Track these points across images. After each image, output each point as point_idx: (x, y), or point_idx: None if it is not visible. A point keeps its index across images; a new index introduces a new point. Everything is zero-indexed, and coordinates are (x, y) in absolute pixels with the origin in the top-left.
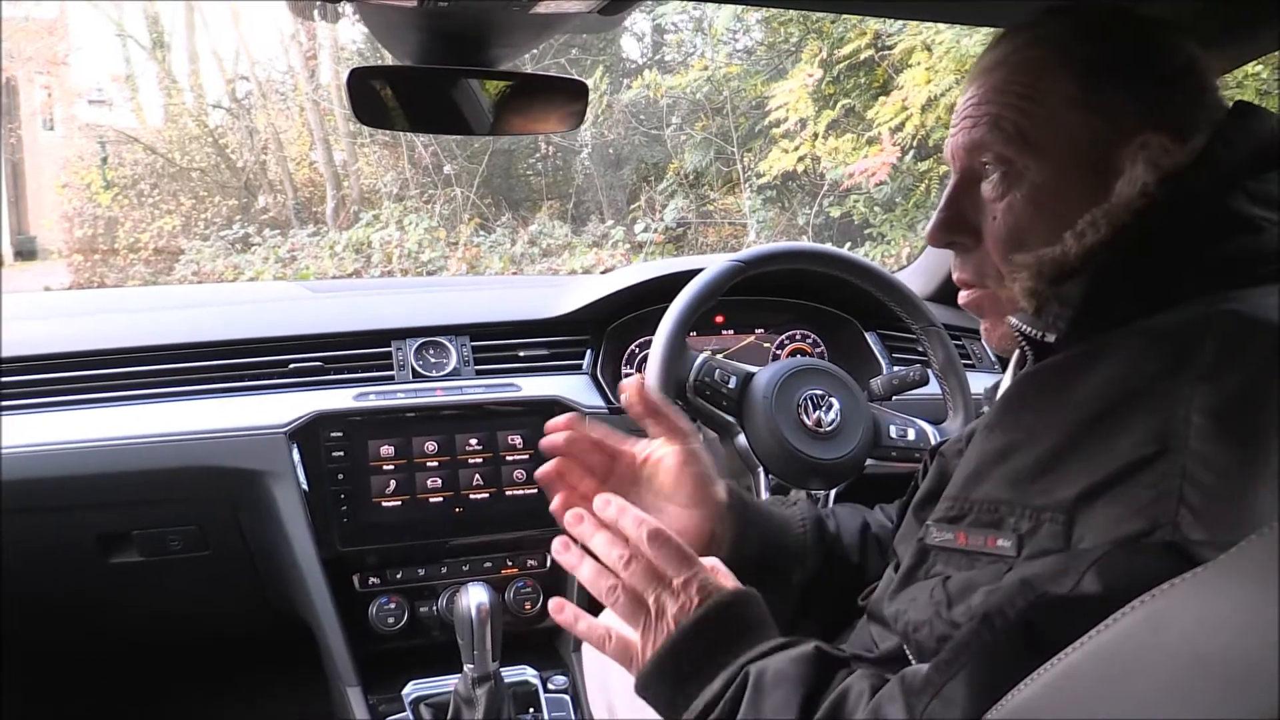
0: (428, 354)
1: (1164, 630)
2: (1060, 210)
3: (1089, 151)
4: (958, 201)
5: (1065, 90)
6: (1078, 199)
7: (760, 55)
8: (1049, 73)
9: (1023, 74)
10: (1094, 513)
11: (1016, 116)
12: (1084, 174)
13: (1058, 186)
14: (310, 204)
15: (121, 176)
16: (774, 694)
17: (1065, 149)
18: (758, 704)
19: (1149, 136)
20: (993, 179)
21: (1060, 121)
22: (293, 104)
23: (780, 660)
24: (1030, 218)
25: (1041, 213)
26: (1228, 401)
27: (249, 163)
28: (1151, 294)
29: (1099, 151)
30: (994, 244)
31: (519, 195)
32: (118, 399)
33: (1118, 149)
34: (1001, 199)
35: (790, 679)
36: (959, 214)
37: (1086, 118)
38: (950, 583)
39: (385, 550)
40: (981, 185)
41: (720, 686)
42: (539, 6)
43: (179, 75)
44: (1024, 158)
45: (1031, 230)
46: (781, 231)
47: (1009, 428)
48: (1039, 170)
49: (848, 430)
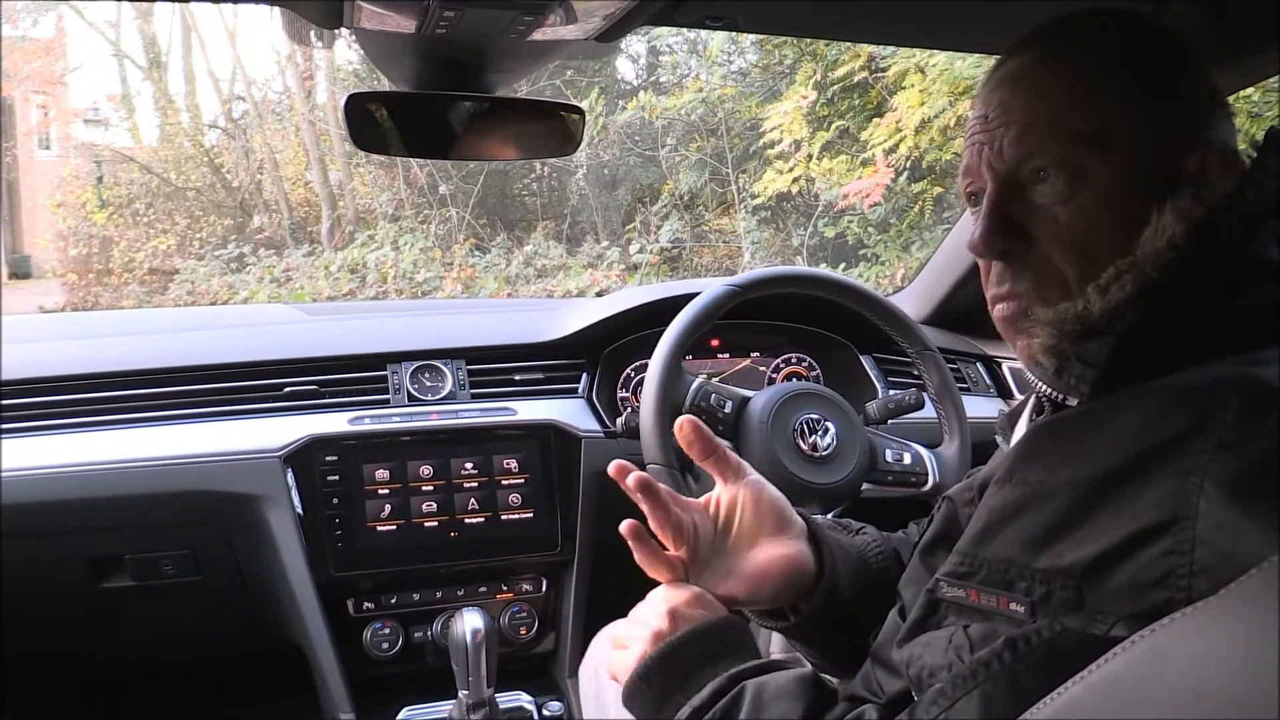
0: (423, 377)
1: (1164, 664)
2: (1133, 217)
3: (1154, 159)
4: (1004, 209)
5: (1118, 96)
6: (1145, 207)
7: (755, 77)
8: (1100, 78)
9: (1072, 78)
10: (1105, 582)
11: (1075, 119)
12: (1147, 179)
13: (1129, 192)
14: (305, 224)
15: (117, 196)
16: (773, 708)
17: (1131, 154)
18: (757, 716)
19: (1204, 151)
20: (1052, 182)
21: (1122, 126)
22: (289, 124)
23: (782, 677)
24: (1104, 218)
25: (1116, 219)
26: (1246, 469)
27: (244, 183)
28: (1177, 352)
29: (1162, 160)
30: (1059, 249)
31: (514, 216)
32: (111, 423)
33: (1178, 162)
34: (1068, 202)
35: (791, 695)
36: (1009, 220)
37: (1144, 124)
38: (972, 629)
39: (380, 575)
40: (1034, 190)
41: (708, 695)
42: (536, 34)
43: (175, 95)
44: (1091, 161)
45: (1104, 231)
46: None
47: (1020, 483)
48: (1109, 174)
49: (844, 454)
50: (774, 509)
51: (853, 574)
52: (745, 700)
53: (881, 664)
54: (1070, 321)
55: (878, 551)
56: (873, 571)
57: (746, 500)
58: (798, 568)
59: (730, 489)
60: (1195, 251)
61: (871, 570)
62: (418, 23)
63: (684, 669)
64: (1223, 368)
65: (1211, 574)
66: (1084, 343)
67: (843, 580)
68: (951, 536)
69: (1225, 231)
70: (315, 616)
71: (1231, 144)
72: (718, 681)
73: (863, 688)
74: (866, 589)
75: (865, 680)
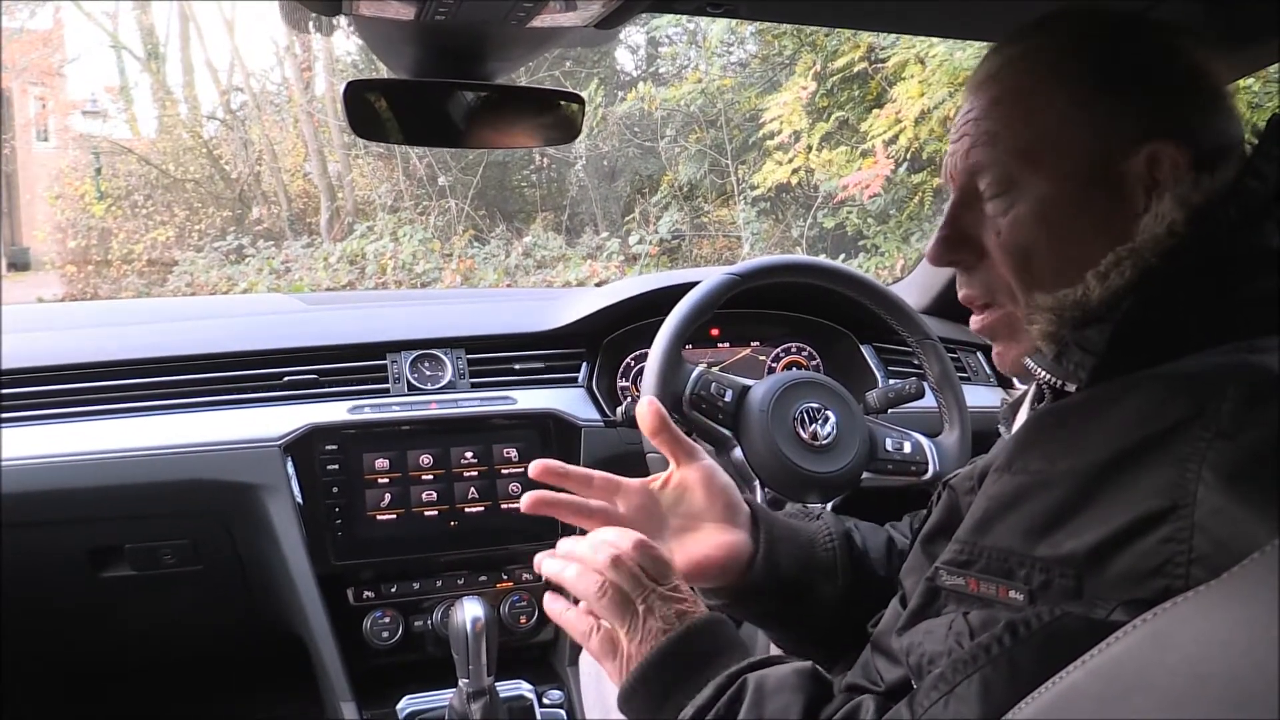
0: (423, 367)
1: (1165, 648)
2: (1068, 225)
3: (1091, 164)
4: (958, 219)
5: (1062, 102)
6: (1083, 213)
7: (754, 68)
8: (1044, 85)
9: (1018, 88)
10: (1104, 571)
11: (1014, 132)
12: (1087, 187)
13: (1061, 201)
14: (304, 215)
15: (115, 188)
16: (775, 700)
17: (1066, 162)
18: (759, 708)
19: (1156, 146)
20: (996, 195)
21: (1059, 135)
22: (287, 116)
23: (781, 670)
24: (1037, 233)
25: (1049, 228)
26: (1244, 457)
27: (243, 174)
28: (1176, 339)
29: (1101, 163)
30: (1002, 260)
31: (513, 207)
32: (110, 412)
33: (1121, 162)
34: (1005, 214)
35: (792, 687)
36: (960, 231)
37: (1085, 129)
38: (971, 616)
39: (380, 564)
40: (986, 202)
41: (711, 694)
42: (536, 21)
43: (174, 87)
44: (1025, 173)
45: (1039, 246)
46: (775, 243)
47: (1020, 471)
48: (1041, 185)
49: (844, 443)
50: (723, 493)
51: (797, 556)
52: (747, 695)
53: (881, 652)
54: (1070, 308)
55: (826, 535)
56: (819, 555)
57: (696, 482)
58: (739, 552)
59: (682, 470)
60: (1195, 239)
61: (818, 554)
62: (417, 9)
63: (683, 669)
64: (1221, 355)
65: (1209, 562)
66: (1083, 329)
67: (782, 562)
68: (952, 525)
69: (1225, 219)
70: (315, 606)
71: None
72: (718, 680)
73: (862, 676)
74: (811, 571)
75: (865, 669)
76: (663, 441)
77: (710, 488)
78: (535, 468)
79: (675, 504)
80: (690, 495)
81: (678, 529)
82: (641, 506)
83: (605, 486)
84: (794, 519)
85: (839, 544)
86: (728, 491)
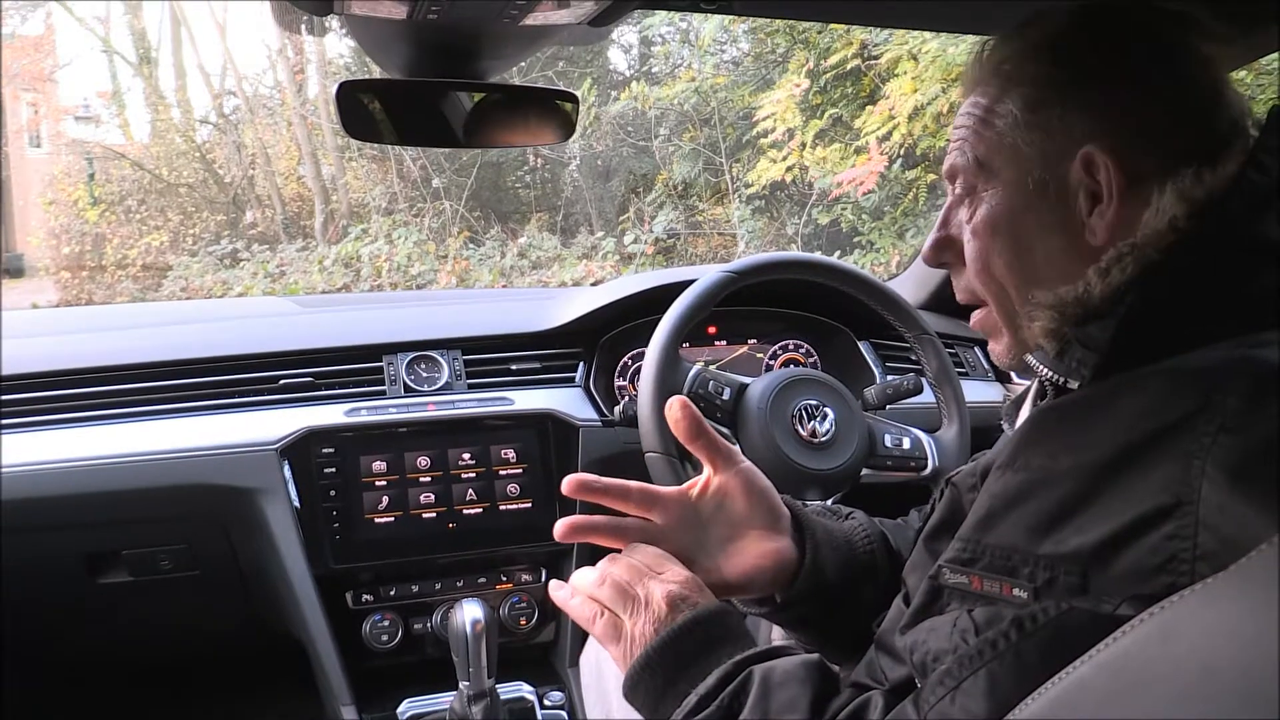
0: (419, 368)
1: (1172, 641)
2: (1016, 232)
3: (1036, 170)
4: (948, 222)
5: (1014, 111)
6: (1030, 219)
7: (747, 66)
8: (1004, 94)
9: (982, 98)
10: (1109, 567)
11: (974, 141)
12: (1029, 194)
13: (1008, 209)
14: (298, 219)
15: (109, 193)
16: (781, 693)
17: (1012, 170)
18: (765, 701)
19: (1090, 150)
20: (962, 202)
21: (1008, 144)
22: (280, 119)
23: (789, 662)
24: (989, 241)
25: (998, 236)
26: (1249, 453)
27: (237, 178)
28: (1179, 335)
29: (1041, 170)
30: (969, 262)
31: (508, 208)
32: (105, 417)
33: (1059, 166)
34: (970, 221)
35: (799, 680)
36: (947, 234)
37: (1030, 137)
38: (976, 613)
39: (378, 567)
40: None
41: (715, 682)
42: (529, 19)
43: (166, 91)
44: (981, 182)
45: (992, 253)
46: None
47: (1023, 468)
48: (993, 194)
49: (843, 440)
50: (765, 498)
51: (838, 559)
52: (753, 686)
53: (885, 650)
54: (1071, 304)
55: (864, 536)
56: (859, 556)
57: (737, 488)
58: (786, 559)
59: (721, 476)
60: (1197, 233)
61: (858, 555)
62: (409, 8)
63: (688, 656)
64: (1225, 351)
65: (1215, 559)
66: (1085, 326)
67: (827, 566)
68: (955, 522)
69: (1228, 213)
70: (314, 609)
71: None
72: (724, 668)
73: (866, 675)
74: (853, 573)
75: (869, 667)
76: (700, 446)
77: (752, 493)
78: (569, 484)
79: (717, 512)
80: (731, 502)
81: (721, 539)
82: (680, 519)
83: (643, 499)
84: (824, 518)
85: (878, 545)
86: (769, 495)
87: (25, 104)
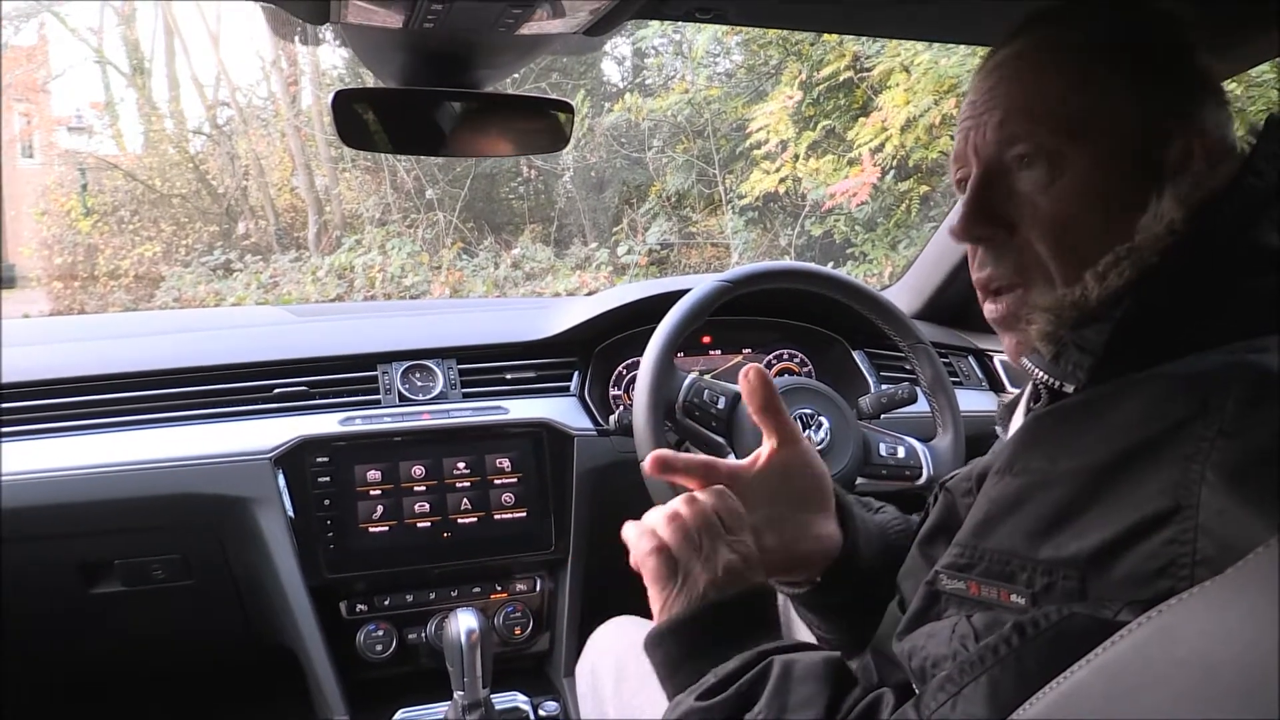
0: (414, 377)
1: (1173, 643)
2: (1109, 204)
3: (1134, 147)
4: (986, 194)
5: (1109, 77)
6: (1125, 190)
7: (740, 78)
8: (1090, 59)
9: (1061, 59)
10: (1109, 572)
11: (1058, 102)
12: (1131, 166)
13: (1106, 178)
14: (292, 229)
15: (101, 203)
16: (801, 688)
17: (1113, 141)
18: (784, 693)
19: (1190, 139)
20: (1034, 168)
21: (1107, 113)
22: (274, 129)
23: (810, 658)
24: (1080, 207)
25: (1091, 204)
26: (1247, 457)
27: (230, 189)
28: (1175, 339)
29: (1147, 144)
30: (1042, 233)
31: (501, 219)
32: (99, 426)
33: (1165, 147)
34: (1047, 189)
35: (819, 676)
36: (989, 206)
37: (1133, 110)
38: (975, 618)
39: (373, 576)
40: (1017, 176)
41: (736, 667)
42: (524, 28)
43: (159, 102)
44: (1071, 145)
45: (1084, 219)
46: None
47: (1020, 473)
48: (1086, 159)
49: (837, 449)
50: (822, 481)
51: (873, 550)
52: (772, 676)
53: (880, 656)
54: (1068, 308)
55: (898, 530)
56: (892, 548)
57: (799, 468)
58: (834, 545)
59: (784, 452)
60: (1195, 237)
61: (891, 547)
62: (405, 17)
63: (721, 634)
64: (1222, 355)
65: (1214, 564)
66: (1082, 329)
67: (866, 555)
68: (950, 527)
69: (1225, 218)
70: (308, 619)
71: (1224, 131)
72: (746, 655)
73: (863, 681)
74: (885, 564)
75: (864, 674)
76: (767, 418)
77: (813, 473)
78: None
79: (777, 490)
80: (793, 482)
81: (773, 518)
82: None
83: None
84: (861, 509)
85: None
86: (826, 478)
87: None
